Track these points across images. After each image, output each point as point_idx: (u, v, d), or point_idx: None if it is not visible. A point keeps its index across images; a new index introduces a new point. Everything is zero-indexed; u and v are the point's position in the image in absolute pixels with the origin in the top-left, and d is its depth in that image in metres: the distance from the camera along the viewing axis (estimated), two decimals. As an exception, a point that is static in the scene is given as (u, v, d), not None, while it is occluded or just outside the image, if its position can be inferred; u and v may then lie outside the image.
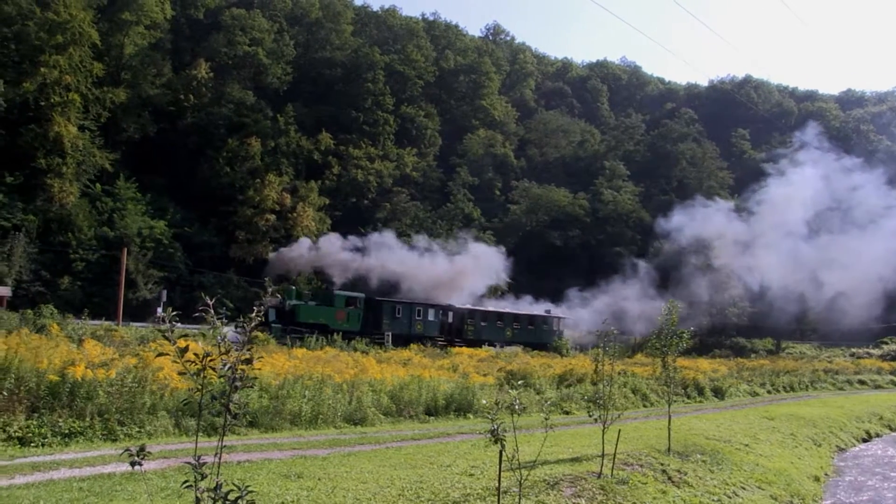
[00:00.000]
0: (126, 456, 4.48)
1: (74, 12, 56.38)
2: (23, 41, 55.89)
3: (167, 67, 69.67)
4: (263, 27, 74.95)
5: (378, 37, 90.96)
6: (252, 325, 4.59)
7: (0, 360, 13.37)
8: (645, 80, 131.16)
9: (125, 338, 24.89)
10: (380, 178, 74.46)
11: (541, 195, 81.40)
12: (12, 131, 53.19)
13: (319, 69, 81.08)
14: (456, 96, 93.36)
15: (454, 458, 12.54)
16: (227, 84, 70.64)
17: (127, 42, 65.61)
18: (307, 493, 9.20)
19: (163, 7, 69.31)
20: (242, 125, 68.05)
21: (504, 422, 7.48)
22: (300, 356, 23.15)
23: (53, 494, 8.62)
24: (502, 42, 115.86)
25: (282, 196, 65.02)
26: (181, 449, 11.95)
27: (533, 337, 52.00)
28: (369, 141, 76.26)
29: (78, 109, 56.26)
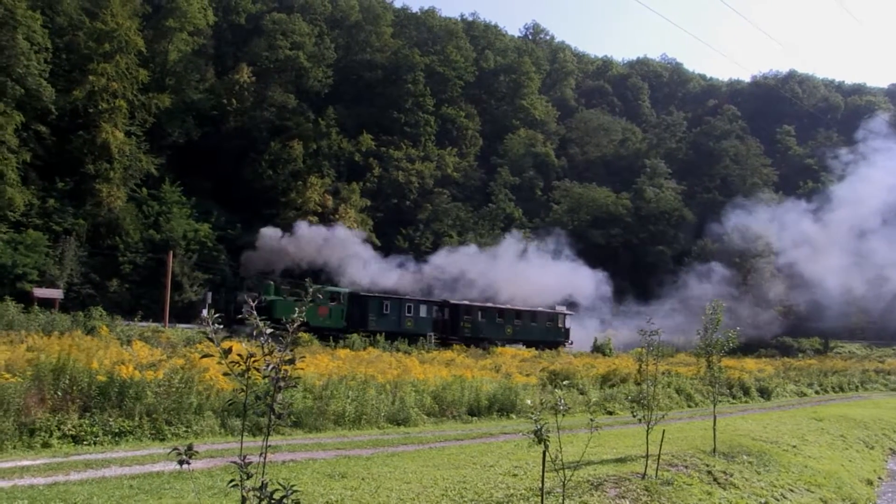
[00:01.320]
0: (174, 455, 4.55)
1: (121, 21, 57.57)
2: (73, 51, 57.29)
3: (210, 72, 70.75)
4: (304, 31, 75.57)
5: (418, 38, 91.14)
6: (295, 326, 4.63)
7: (55, 361, 13.71)
8: (686, 77, 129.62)
9: (171, 339, 25.32)
10: (421, 179, 74.61)
11: (582, 194, 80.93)
12: (63, 138, 54.54)
13: (360, 71, 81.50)
14: (496, 96, 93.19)
15: (497, 459, 12.52)
16: (269, 88, 71.37)
17: (171, 48, 66.74)
18: (351, 493, 9.25)
19: (205, 13, 70.32)
20: (284, 128, 68.83)
21: (548, 422, 7.45)
22: (343, 357, 23.35)
23: (105, 491, 8.81)
24: (542, 41, 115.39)
25: (324, 198, 65.57)
26: (227, 448, 12.12)
27: (537, 334, 49.90)
28: (410, 142, 76.45)
29: (124, 115, 57.38)
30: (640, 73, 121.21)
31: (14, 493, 8.56)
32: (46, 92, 51.74)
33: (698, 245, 75.23)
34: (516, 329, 49.26)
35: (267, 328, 4.50)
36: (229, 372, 4.50)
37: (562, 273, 60.66)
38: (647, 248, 77.36)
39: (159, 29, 66.19)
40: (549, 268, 60.70)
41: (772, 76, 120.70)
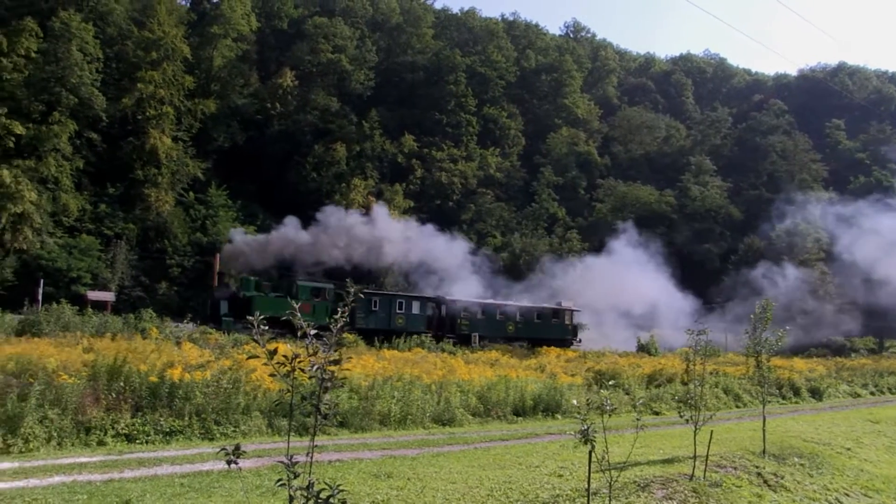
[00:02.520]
0: (223, 454, 4.66)
1: (167, 29, 58.74)
2: (122, 60, 58.64)
3: (254, 77, 71.71)
4: (346, 34, 76.19)
5: (459, 39, 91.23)
6: (339, 327, 4.73)
7: (111, 363, 14.08)
8: (731, 73, 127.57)
9: (219, 341, 25.73)
10: (464, 180, 74.68)
11: (626, 193, 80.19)
12: (113, 145, 55.84)
13: (401, 73, 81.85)
14: (538, 95, 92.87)
15: (543, 459, 12.52)
16: (312, 91, 72.07)
17: (216, 55, 67.79)
18: (397, 493, 9.34)
19: (249, 19, 71.34)
20: (328, 131, 69.49)
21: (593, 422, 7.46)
22: (388, 357, 23.50)
23: (158, 489, 9.05)
24: (583, 39, 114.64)
25: (367, 199, 65.95)
26: (274, 448, 12.31)
27: (541, 332, 47.17)
28: (452, 143, 76.60)
29: (171, 121, 58.49)
30: (683, 69, 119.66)
31: (74, 489, 8.87)
32: (98, 100, 53.05)
33: (745, 243, 73.98)
34: (518, 327, 46.90)
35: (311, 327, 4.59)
36: (275, 373, 4.59)
37: (653, 277, 57.53)
38: (693, 247, 76.35)
39: (204, 36, 67.33)
40: (646, 273, 57.09)
41: (820, 69, 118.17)
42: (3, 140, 47.47)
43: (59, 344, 18.29)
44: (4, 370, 13.47)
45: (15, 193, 46.27)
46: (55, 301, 30.10)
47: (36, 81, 50.40)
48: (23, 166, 48.10)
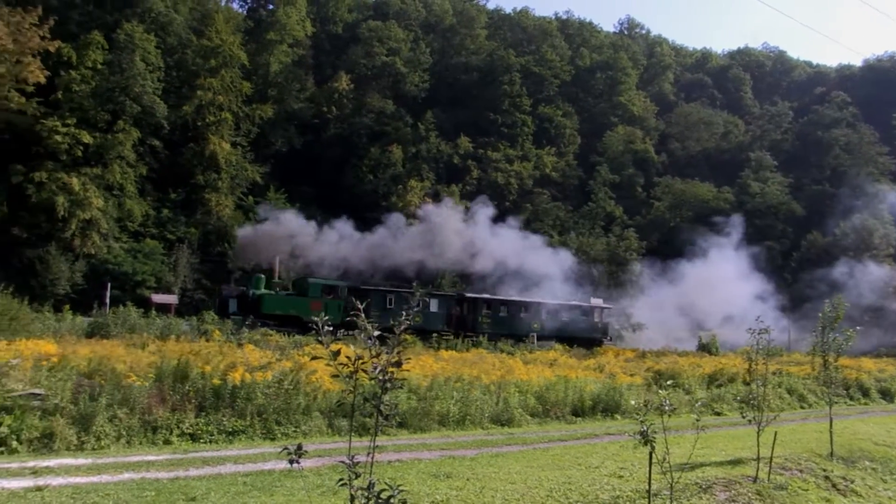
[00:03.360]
0: (285, 454, 4.75)
1: (225, 37, 59.93)
2: (182, 68, 60.06)
3: (310, 82, 72.66)
4: (400, 37, 76.67)
5: (512, 39, 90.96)
6: (402, 329, 4.78)
7: (176, 365, 14.45)
8: (791, 65, 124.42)
9: (279, 342, 26.13)
10: (520, 180, 74.52)
11: (684, 190, 79.03)
12: (175, 151, 57.22)
13: (456, 74, 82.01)
14: (593, 94, 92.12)
15: (602, 460, 12.46)
16: (368, 94, 72.68)
17: (272, 61, 68.84)
18: (456, 493, 9.39)
19: (304, 25, 72.28)
20: (383, 133, 70.05)
21: (653, 423, 7.40)
22: (447, 358, 23.59)
23: (221, 487, 9.26)
24: (638, 36, 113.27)
25: (424, 201, 66.28)
26: (334, 448, 12.46)
27: (569, 330, 45.24)
28: (508, 143, 76.48)
29: (230, 127, 59.64)
30: (741, 63, 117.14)
31: (143, 485, 9.15)
32: (159, 108, 54.41)
33: (808, 240, 72.20)
34: (544, 324, 45.05)
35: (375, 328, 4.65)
36: (337, 374, 4.66)
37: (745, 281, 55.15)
38: (753, 244, 74.73)
39: (261, 42, 68.48)
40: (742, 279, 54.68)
41: (887, 58, 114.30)
42: (72, 149, 49.02)
43: (126, 345, 18.81)
44: (77, 371, 13.94)
45: (83, 200, 47.77)
46: (122, 304, 30.98)
47: (102, 92, 51.92)
48: (90, 174, 49.63)
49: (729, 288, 51.73)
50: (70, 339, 19.55)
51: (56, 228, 47.38)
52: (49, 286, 45.22)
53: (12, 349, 14.79)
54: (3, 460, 10.46)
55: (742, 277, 54.77)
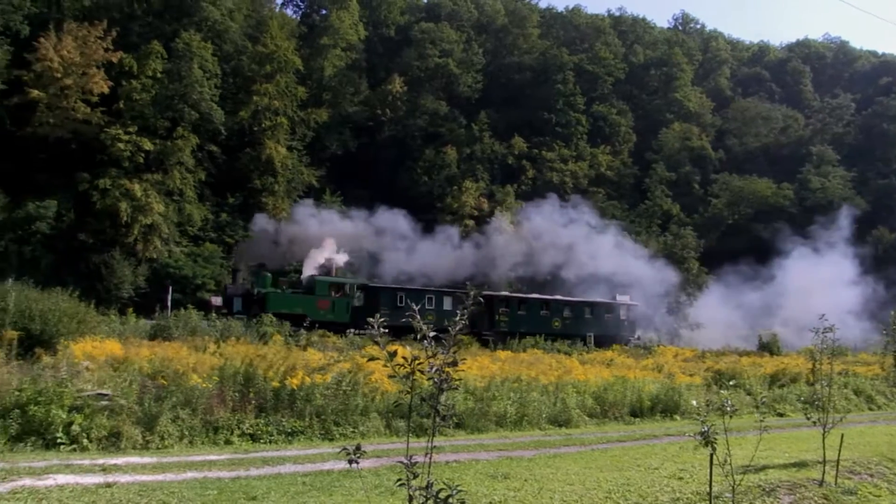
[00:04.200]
0: (343, 454, 4.79)
1: (280, 43, 60.84)
2: (238, 74, 61.17)
3: (364, 85, 73.23)
4: (452, 38, 76.79)
5: (565, 37, 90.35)
6: (457, 329, 4.79)
7: (238, 366, 14.72)
8: (853, 56, 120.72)
9: (337, 343, 26.39)
10: (575, 179, 74.08)
11: (742, 187, 77.52)
12: (232, 156, 58.27)
13: (509, 74, 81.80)
14: (648, 91, 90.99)
15: (661, 461, 12.32)
16: (421, 96, 72.98)
17: (326, 65, 69.62)
18: (514, 494, 9.38)
19: (357, 29, 73.00)
20: (438, 135, 70.34)
21: (714, 423, 7.28)
22: (504, 358, 23.60)
23: (282, 486, 9.42)
24: (692, 31, 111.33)
25: (479, 201, 66.40)
26: (392, 449, 12.55)
27: (591, 329, 44.14)
28: (562, 142, 76.06)
29: (286, 131, 60.52)
30: (800, 55, 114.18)
31: (205, 484, 9.35)
32: (217, 115, 55.50)
33: (873, 235, 70.17)
34: (566, 323, 43.78)
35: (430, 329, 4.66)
36: (395, 374, 4.69)
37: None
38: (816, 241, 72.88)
39: (314, 47, 69.34)
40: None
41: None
42: (134, 156, 50.33)
43: (188, 347, 19.23)
44: (141, 372, 14.30)
45: (145, 206, 48.98)
46: (183, 307, 31.63)
47: (162, 100, 53.18)
48: (151, 180, 50.87)
49: (831, 292, 49.80)
50: (134, 341, 20.06)
51: (119, 234, 48.70)
52: (114, 290, 46.44)
53: (80, 349, 15.24)
54: (75, 457, 10.84)
55: (845, 282, 52.60)
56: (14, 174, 50.05)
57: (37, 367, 13.62)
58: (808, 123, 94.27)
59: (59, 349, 15.03)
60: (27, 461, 10.32)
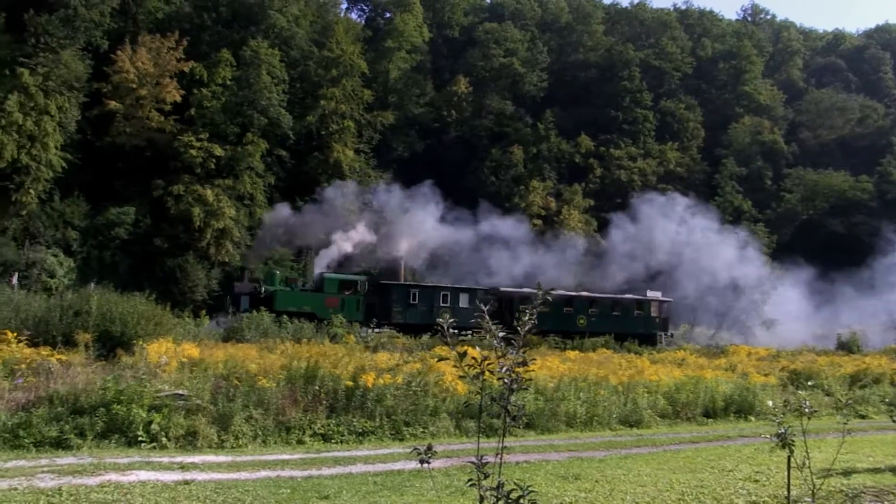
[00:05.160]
0: (414, 454, 4.81)
1: (346, 47, 61.68)
2: (305, 79, 62.22)
3: (429, 87, 73.69)
4: (516, 37, 76.64)
5: (630, 33, 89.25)
6: (526, 329, 4.76)
7: (305, 367, 14.95)
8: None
9: (406, 344, 26.58)
10: (643, 177, 73.13)
11: (817, 181, 75.26)
12: (300, 160, 59.29)
13: (574, 72, 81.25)
14: (716, 85, 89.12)
15: (736, 463, 12.07)
16: (486, 96, 73.05)
17: (391, 67, 70.28)
18: (585, 495, 9.30)
19: (421, 31, 73.49)
20: (504, 134, 70.30)
21: (791, 425, 7.07)
22: (573, 358, 23.43)
23: (353, 486, 9.52)
24: (762, 22, 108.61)
25: (546, 201, 66.18)
26: (461, 449, 12.56)
27: (619, 326, 41.46)
28: (630, 139, 75.23)
29: (353, 135, 61.29)
30: (879, 42, 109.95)
31: (278, 483, 9.54)
32: (285, 119, 56.55)
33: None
34: (591, 320, 41.77)
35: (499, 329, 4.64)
36: (465, 375, 4.69)
37: None
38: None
39: (379, 50, 70.05)
40: None
41: None
42: (206, 162, 51.66)
43: (259, 349, 19.62)
44: (215, 373, 14.65)
45: (217, 210, 50.18)
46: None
47: (231, 106, 54.45)
48: (223, 185, 52.13)
49: None
50: (208, 343, 20.58)
51: (193, 238, 50.01)
52: (188, 293, 47.70)
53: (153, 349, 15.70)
54: (155, 454, 11.20)
55: None
56: (94, 183, 51.96)
57: (117, 367, 14.10)
58: (888, 113, 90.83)
59: (137, 350, 15.49)
60: (112, 457, 10.73)
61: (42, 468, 9.81)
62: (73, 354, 14.63)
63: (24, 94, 48.27)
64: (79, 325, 17.03)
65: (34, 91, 48.53)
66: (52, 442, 11.37)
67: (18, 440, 11.26)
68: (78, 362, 13.99)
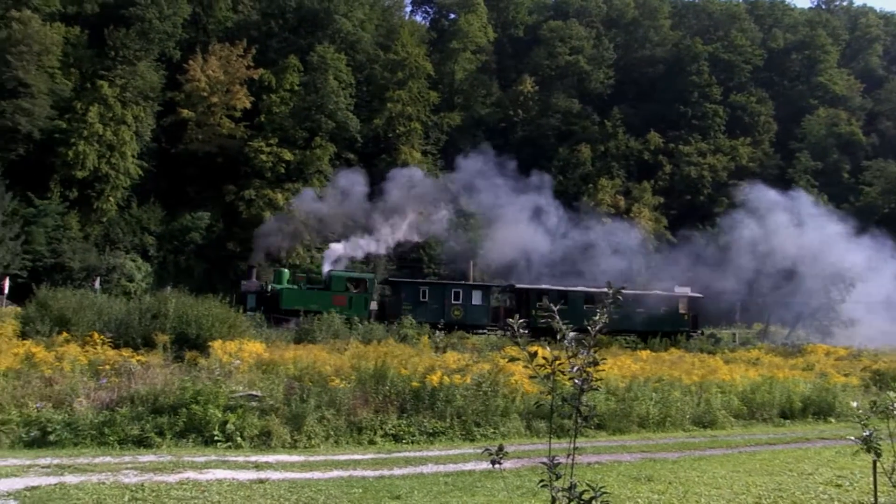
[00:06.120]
0: (486, 455, 4.79)
1: (411, 49, 62.17)
2: (371, 83, 62.96)
3: (494, 87, 73.61)
4: (581, 35, 76.01)
5: (698, 27, 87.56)
6: (597, 329, 4.71)
7: (374, 368, 15.08)
8: None
9: (476, 345, 26.57)
10: (714, 173, 71.68)
11: (900, 173, 72.63)
12: (368, 162, 59.84)
13: (641, 68, 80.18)
14: (789, 76, 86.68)
15: (816, 466, 11.70)
16: (553, 95, 72.64)
17: (457, 69, 70.45)
18: (658, 497, 9.15)
19: (486, 31, 73.47)
20: (571, 133, 69.86)
21: (877, 428, 6.79)
22: (645, 358, 23.13)
23: (424, 486, 9.56)
24: (837, 9, 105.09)
25: (615, 199, 65.49)
26: (532, 450, 12.50)
27: (644, 323, 39.76)
28: (699, 135, 73.82)
29: (419, 136, 61.72)
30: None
31: (351, 483, 9.64)
32: (352, 123, 57.31)
33: None
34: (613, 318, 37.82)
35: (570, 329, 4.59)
36: (535, 375, 4.65)
37: None
38: None
39: (445, 52, 70.32)
40: None
41: None
42: (276, 167, 52.73)
43: (329, 350, 19.87)
44: (288, 374, 14.90)
45: (287, 214, 51.03)
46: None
47: (299, 111, 55.43)
48: (292, 189, 53.07)
49: None
50: (279, 345, 20.95)
51: (266, 242, 51.00)
52: (260, 295, 48.59)
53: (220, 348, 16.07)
54: (231, 454, 11.47)
55: None
56: (169, 189, 53.52)
57: (193, 369, 14.49)
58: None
59: (211, 352, 15.87)
60: (190, 456, 11.05)
61: (126, 465, 10.20)
62: (152, 356, 15.14)
63: (104, 106, 50.21)
64: (157, 328, 17.63)
65: (112, 102, 50.41)
66: (135, 440, 11.81)
67: (104, 437, 11.75)
68: (156, 363, 14.46)
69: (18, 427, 11.73)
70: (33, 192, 49.30)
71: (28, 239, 46.89)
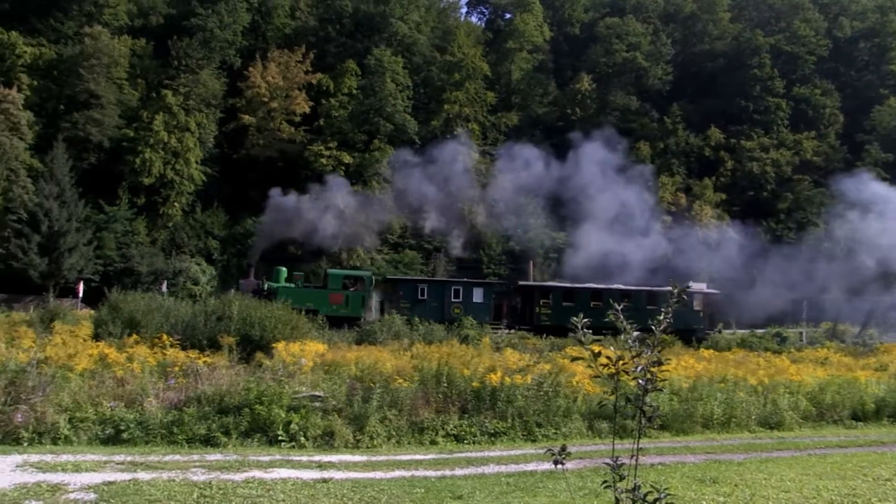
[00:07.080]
0: (548, 455, 4.79)
1: (467, 50, 62.29)
2: (428, 84, 63.30)
3: (552, 86, 73.22)
4: (639, 31, 75.06)
5: (759, 18, 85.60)
6: (661, 328, 4.68)
7: (435, 368, 15.16)
8: None
9: (537, 345, 26.48)
10: (777, 168, 70.04)
11: (979, 164, 69.96)
12: (427, 164, 60.26)
13: (700, 63, 78.84)
14: (856, 66, 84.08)
15: (893, 472, 11.32)
16: (610, 92, 71.96)
17: (513, 68, 70.32)
18: (724, 500, 9.00)
19: (542, 30, 73.16)
20: (630, 130, 68.98)
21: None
22: (708, 357, 22.79)
23: (486, 486, 9.58)
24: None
25: (676, 196, 64.53)
26: (594, 450, 12.42)
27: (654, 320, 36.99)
28: (762, 130, 72.19)
29: (477, 137, 61.72)
30: None
31: (413, 483, 9.72)
32: (410, 125, 57.70)
33: None
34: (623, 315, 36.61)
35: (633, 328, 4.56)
36: (598, 375, 4.64)
37: None
38: None
39: (501, 52, 70.24)
40: None
41: None
42: (336, 170, 53.32)
43: (391, 350, 20.04)
44: (350, 375, 15.08)
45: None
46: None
47: (358, 114, 56.03)
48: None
49: None
50: (341, 346, 21.21)
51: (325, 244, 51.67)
52: (322, 298, 49.30)
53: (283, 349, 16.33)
54: (294, 453, 11.67)
55: None
56: (231, 194, 54.60)
57: (258, 370, 14.79)
58: None
59: (275, 353, 16.15)
60: (255, 455, 11.30)
61: (194, 463, 10.48)
62: (217, 357, 15.50)
63: (168, 114, 51.59)
64: (222, 330, 18.03)
65: (177, 110, 51.77)
66: (202, 439, 12.13)
67: (173, 436, 12.13)
68: (222, 364, 14.81)
69: (94, 425, 12.17)
70: (104, 199, 51.00)
71: (100, 244, 48.44)
